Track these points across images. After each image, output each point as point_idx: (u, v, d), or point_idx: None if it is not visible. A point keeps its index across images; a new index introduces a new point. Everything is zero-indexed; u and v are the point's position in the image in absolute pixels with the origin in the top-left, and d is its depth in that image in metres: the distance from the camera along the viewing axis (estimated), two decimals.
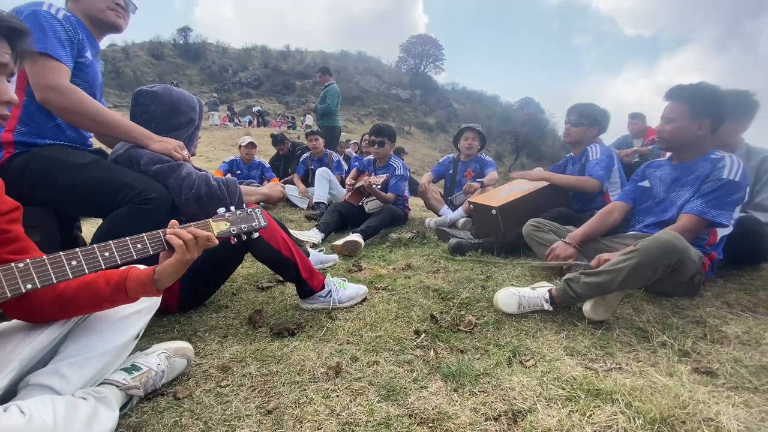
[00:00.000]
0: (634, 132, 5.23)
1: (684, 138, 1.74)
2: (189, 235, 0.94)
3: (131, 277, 0.92)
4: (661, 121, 1.79)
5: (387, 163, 3.52)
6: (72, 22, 1.41)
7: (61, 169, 1.34)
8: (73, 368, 0.87)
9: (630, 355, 1.27)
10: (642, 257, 1.35)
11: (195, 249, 0.95)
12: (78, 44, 1.42)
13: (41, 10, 1.33)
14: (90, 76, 1.49)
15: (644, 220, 1.91)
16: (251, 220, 1.11)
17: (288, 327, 1.44)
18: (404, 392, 1.09)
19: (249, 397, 1.07)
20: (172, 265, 0.93)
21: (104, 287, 0.90)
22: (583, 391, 1.06)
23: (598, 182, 2.36)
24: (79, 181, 1.34)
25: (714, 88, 1.69)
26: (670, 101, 1.76)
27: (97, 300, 0.90)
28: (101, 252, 0.83)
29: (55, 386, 0.84)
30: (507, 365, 1.22)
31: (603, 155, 2.43)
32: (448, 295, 1.76)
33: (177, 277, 0.96)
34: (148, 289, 0.93)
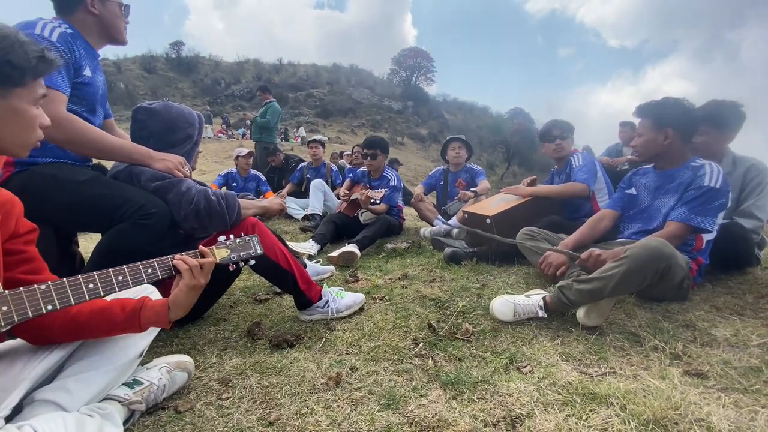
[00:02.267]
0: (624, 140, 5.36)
1: (654, 149, 1.87)
2: (195, 261, 1.00)
3: (146, 306, 0.96)
4: (635, 135, 1.93)
5: (381, 174, 3.56)
6: (67, 40, 1.38)
7: (62, 186, 1.35)
8: (78, 384, 0.88)
9: (623, 359, 1.30)
10: (632, 263, 1.39)
11: (202, 275, 1.01)
12: (74, 64, 1.40)
13: (35, 33, 1.31)
14: (89, 94, 1.49)
15: (632, 227, 1.97)
16: (249, 248, 1.18)
17: (287, 338, 1.45)
18: (404, 401, 1.10)
19: (250, 409, 1.08)
20: (182, 291, 0.98)
21: (119, 314, 0.93)
22: (579, 396, 1.08)
23: (584, 185, 2.45)
24: (80, 197, 1.35)
25: (676, 100, 1.82)
26: (639, 117, 1.90)
27: (110, 327, 0.94)
28: (116, 276, 0.88)
29: (62, 402, 0.84)
30: (504, 372, 1.24)
31: (585, 161, 2.56)
32: (445, 304, 1.78)
33: (189, 306, 1.00)
34: (161, 318, 0.97)
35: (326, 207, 4.32)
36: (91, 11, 1.50)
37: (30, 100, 0.84)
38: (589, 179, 2.47)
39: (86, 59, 1.48)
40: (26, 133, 0.86)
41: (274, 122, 5.90)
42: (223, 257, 1.11)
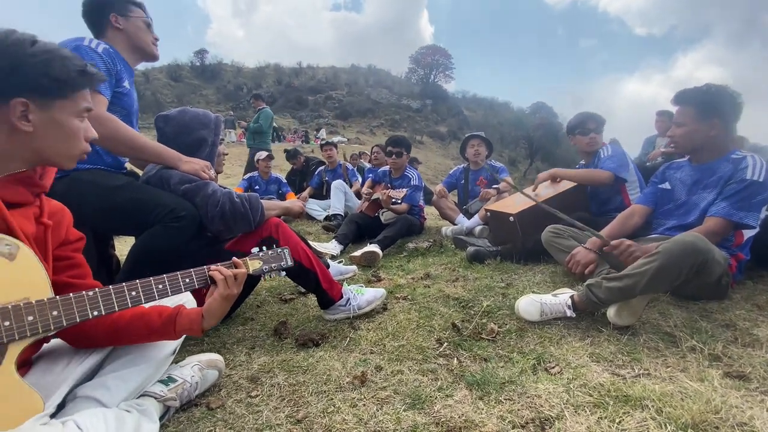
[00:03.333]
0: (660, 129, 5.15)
1: (696, 140, 1.74)
2: (229, 272, 1.06)
3: (182, 314, 1.01)
4: (673, 125, 1.80)
5: (402, 174, 3.56)
6: (111, 55, 1.52)
7: (99, 191, 1.42)
8: (117, 381, 0.93)
9: (658, 360, 1.25)
10: (664, 259, 1.34)
11: (235, 285, 1.07)
12: (116, 75, 1.53)
13: (83, 45, 1.44)
14: (127, 104, 1.59)
15: (666, 222, 1.89)
16: (280, 260, 1.24)
17: (312, 338, 1.47)
18: (430, 401, 1.10)
19: (279, 406, 1.10)
20: (215, 300, 1.03)
21: (156, 320, 0.98)
22: (611, 398, 1.05)
23: (609, 173, 2.32)
24: (115, 202, 1.42)
25: (720, 88, 1.69)
26: (679, 105, 1.77)
27: (148, 332, 0.98)
28: (156, 284, 0.93)
29: (101, 398, 0.89)
30: (532, 373, 1.22)
31: (614, 152, 2.43)
32: (469, 303, 1.76)
33: (221, 315, 1.05)
34: (195, 326, 1.02)
35: (347, 207, 4.35)
36: (116, 27, 1.61)
37: (72, 112, 0.86)
38: (618, 169, 2.35)
39: (125, 72, 1.60)
40: (69, 144, 0.88)
41: (266, 127, 5.99)
42: (256, 268, 1.17)
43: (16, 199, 0.82)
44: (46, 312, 0.76)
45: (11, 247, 0.75)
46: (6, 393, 0.71)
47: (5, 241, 0.74)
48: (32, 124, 0.80)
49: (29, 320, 0.74)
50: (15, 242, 0.76)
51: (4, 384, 0.71)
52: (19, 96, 0.78)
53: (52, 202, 0.95)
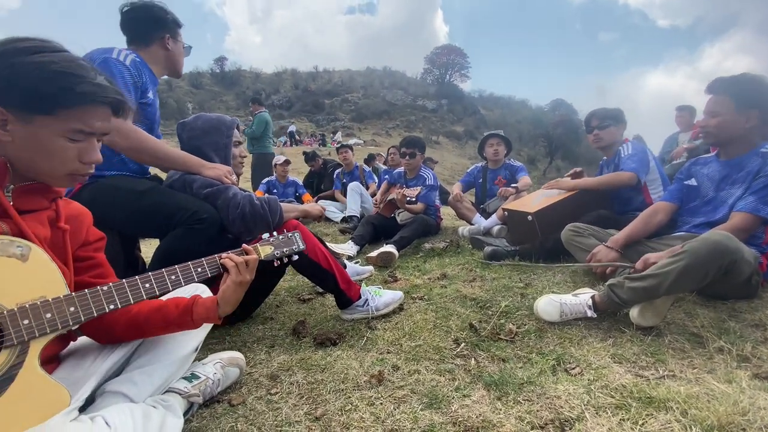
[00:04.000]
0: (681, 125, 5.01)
1: (732, 132, 1.67)
2: (240, 259, 1.06)
3: (198, 302, 1.03)
4: (705, 115, 1.72)
5: (417, 174, 3.56)
6: (138, 66, 1.59)
7: (125, 196, 1.49)
8: (143, 377, 0.96)
9: (684, 361, 1.21)
10: (691, 259, 1.29)
11: (247, 271, 1.06)
12: (142, 86, 1.60)
13: (111, 57, 1.51)
14: (151, 114, 1.67)
15: (693, 220, 1.82)
16: (291, 244, 1.23)
17: (330, 337, 1.49)
18: (447, 400, 1.10)
19: (297, 404, 1.12)
20: (229, 287, 1.03)
21: (173, 311, 1.00)
22: (634, 399, 1.02)
23: (631, 174, 2.26)
24: (140, 205, 1.48)
25: (759, 77, 1.62)
26: (713, 95, 1.69)
27: (166, 324, 1.00)
28: (169, 275, 0.96)
29: (129, 393, 0.92)
30: (551, 373, 1.20)
31: (635, 149, 2.36)
32: (486, 303, 1.75)
33: (236, 302, 1.05)
34: (211, 314, 1.03)
35: (363, 209, 4.38)
36: (166, 46, 1.74)
37: (57, 130, 0.78)
38: (639, 168, 2.28)
39: (150, 85, 1.67)
40: (49, 163, 0.81)
41: (260, 131, 5.97)
42: (267, 254, 1.17)
43: (31, 207, 0.84)
44: (63, 308, 0.79)
45: (23, 248, 0.77)
46: (32, 388, 0.74)
47: (16, 243, 0.76)
48: (10, 134, 0.76)
49: (47, 317, 0.76)
50: (26, 244, 0.77)
51: (30, 380, 0.74)
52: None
53: (72, 205, 0.97)
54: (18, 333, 0.73)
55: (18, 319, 0.73)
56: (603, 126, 2.47)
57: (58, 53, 0.79)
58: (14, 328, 0.73)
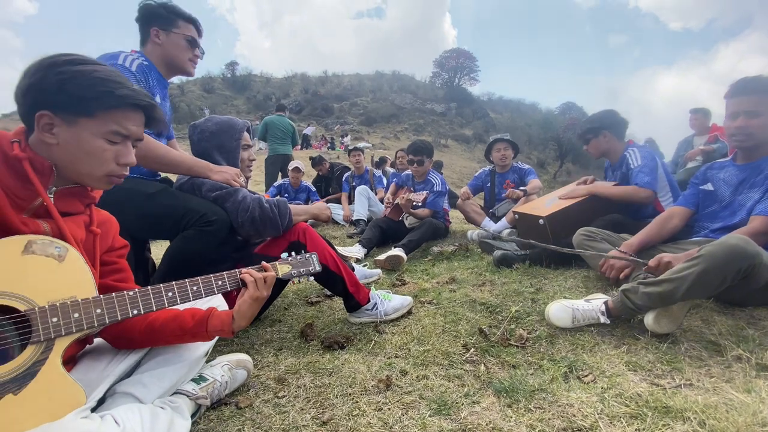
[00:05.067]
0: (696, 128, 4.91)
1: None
2: (260, 275, 1.09)
3: (214, 315, 1.05)
4: (742, 116, 1.63)
5: (426, 178, 3.54)
6: (144, 71, 1.58)
7: (135, 198, 1.50)
8: (153, 379, 0.97)
9: (701, 370, 1.17)
10: (707, 264, 1.25)
11: (265, 287, 1.09)
12: (149, 92, 1.59)
13: (117, 63, 1.52)
14: None
15: (710, 225, 1.78)
16: (308, 265, 1.27)
17: (338, 340, 1.48)
18: (456, 407, 1.08)
19: (305, 408, 1.11)
20: (245, 301, 1.06)
21: (189, 321, 1.02)
22: (649, 409, 0.99)
23: (648, 192, 2.17)
24: (151, 208, 1.49)
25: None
26: (746, 96, 1.62)
27: (182, 333, 1.02)
28: (191, 286, 0.98)
29: (138, 395, 0.93)
30: (563, 381, 1.17)
31: (644, 159, 2.25)
32: (497, 308, 1.72)
33: (251, 317, 1.08)
34: (226, 327, 1.04)
35: (371, 212, 4.38)
36: (155, 41, 1.68)
37: (97, 132, 0.85)
38: (653, 182, 2.20)
39: (158, 88, 1.67)
40: (89, 163, 0.86)
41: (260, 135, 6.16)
42: (285, 272, 1.20)
43: (69, 209, 0.89)
44: (90, 310, 0.81)
45: (60, 249, 0.81)
46: (52, 385, 0.76)
47: (55, 243, 0.80)
48: (56, 137, 0.83)
49: (75, 317, 0.79)
50: (64, 245, 0.82)
51: (50, 377, 0.76)
52: (44, 110, 0.81)
53: (101, 213, 1.03)
54: (46, 330, 0.76)
55: (48, 317, 0.76)
56: (586, 140, 2.45)
57: (99, 65, 0.87)
58: (43, 324, 0.76)
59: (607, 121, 2.40)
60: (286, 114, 6.43)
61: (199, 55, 1.79)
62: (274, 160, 6.02)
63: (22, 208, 0.82)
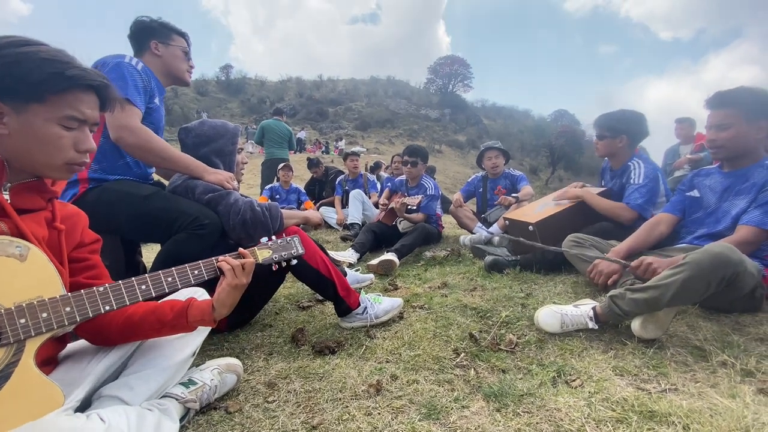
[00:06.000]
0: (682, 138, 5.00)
1: (744, 144, 1.66)
2: (237, 262, 1.06)
3: (193, 305, 1.02)
4: (714, 129, 1.68)
5: (419, 183, 3.57)
6: (148, 73, 1.64)
7: (128, 200, 1.50)
8: (140, 381, 0.95)
9: (686, 375, 1.19)
10: (692, 271, 1.28)
11: (243, 274, 1.06)
12: (150, 92, 1.63)
13: (124, 62, 1.55)
14: (155, 119, 1.69)
15: (695, 231, 1.82)
16: (290, 248, 1.23)
17: (329, 345, 1.48)
18: (445, 411, 1.08)
19: (294, 412, 1.11)
20: (224, 289, 1.03)
21: (168, 313, 0.99)
22: (635, 413, 1.01)
23: (634, 214, 2.14)
24: (143, 210, 1.49)
25: (758, 89, 1.63)
26: (717, 109, 1.68)
27: (161, 325, 0.99)
28: (165, 277, 0.95)
29: (125, 397, 0.92)
30: (551, 385, 1.19)
31: (646, 179, 2.18)
32: (487, 313, 1.73)
33: (232, 305, 1.05)
34: (206, 316, 1.02)
35: (365, 216, 4.38)
36: (155, 53, 1.73)
37: (50, 117, 0.79)
38: (645, 206, 2.14)
39: (157, 92, 1.70)
40: (45, 151, 0.80)
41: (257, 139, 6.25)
42: (265, 257, 1.16)
43: (28, 206, 0.84)
44: (59, 308, 0.79)
45: (21, 248, 0.77)
46: (26, 387, 0.74)
47: (15, 243, 0.77)
48: (6, 127, 0.77)
49: (43, 317, 0.77)
50: (25, 244, 0.78)
51: (24, 379, 0.74)
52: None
53: (67, 207, 0.97)
54: (14, 332, 0.74)
55: (15, 318, 0.74)
56: (600, 136, 2.40)
57: (43, 45, 0.80)
58: (11, 326, 0.74)
59: (632, 126, 2.31)
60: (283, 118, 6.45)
61: (193, 65, 1.87)
62: (271, 164, 6.02)
63: None
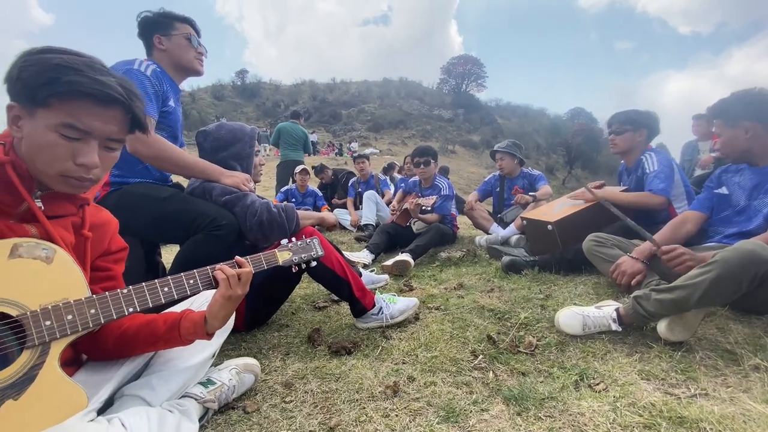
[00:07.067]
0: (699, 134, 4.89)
1: (736, 147, 1.70)
2: (232, 271, 0.98)
3: (186, 317, 0.97)
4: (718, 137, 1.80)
5: (432, 183, 3.54)
6: (158, 76, 1.61)
7: (148, 202, 1.52)
8: (161, 381, 0.96)
9: (717, 379, 1.14)
10: (722, 270, 1.23)
11: (239, 285, 0.98)
12: (163, 95, 1.63)
13: (132, 68, 1.54)
14: (172, 121, 1.70)
15: (724, 230, 1.74)
16: (310, 250, 1.23)
17: (345, 346, 1.48)
18: (464, 414, 1.06)
19: (312, 413, 1.10)
20: (217, 301, 0.96)
21: (161, 326, 0.95)
22: (663, 419, 0.97)
23: (662, 198, 2.15)
24: (162, 212, 1.51)
25: (745, 92, 1.66)
26: (713, 119, 1.78)
27: (154, 340, 0.95)
28: (187, 279, 0.95)
29: (146, 397, 0.93)
30: (574, 389, 1.15)
31: (661, 165, 2.22)
32: (505, 315, 1.70)
33: (225, 318, 0.98)
34: (199, 330, 0.96)
35: (379, 217, 4.38)
36: (159, 47, 1.71)
37: (48, 124, 0.76)
38: (668, 189, 2.16)
39: (171, 93, 1.70)
40: (42, 159, 0.77)
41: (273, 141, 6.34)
42: (285, 259, 1.16)
43: (59, 212, 0.85)
44: (84, 310, 0.80)
45: (48, 251, 0.78)
46: (51, 389, 0.75)
47: (42, 245, 0.78)
48: (21, 130, 0.78)
49: (69, 319, 0.77)
50: (51, 246, 0.79)
51: (49, 381, 0.75)
52: (12, 101, 0.77)
53: (100, 213, 0.97)
54: (40, 334, 0.75)
55: (40, 320, 0.75)
56: (620, 131, 2.37)
57: (68, 54, 0.77)
58: (36, 328, 0.74)
59: (651, 122, 2.36)
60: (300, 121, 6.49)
61: (202, 51, 1.80)
62: (285, 166, 6.09)
63: (8, 214, 0.79)
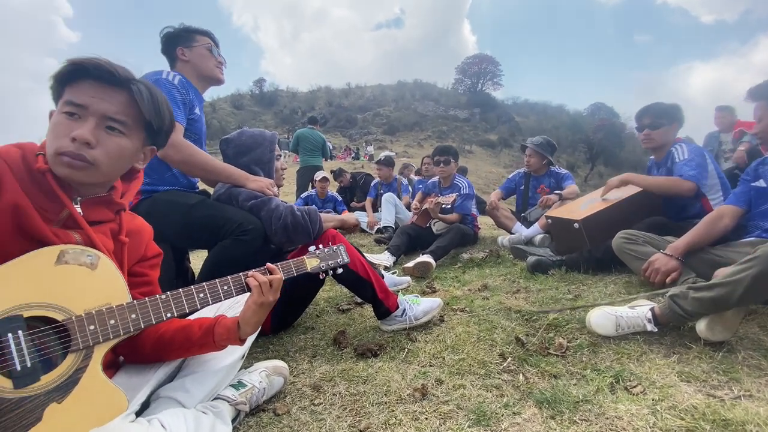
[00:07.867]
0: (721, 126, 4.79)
1: None
2: (264, 278, 1.01)
3: (219, 323, 0.99)
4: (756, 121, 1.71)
5: (452, 183, 3.51)
6: (184, 85, 1.67)
7: (177, 209, 1.57)
8: (194, 383, 0.99)
9: (761, 380, 1.09)
10: (764, 266, 1.16)
11: (270, 292, 1.01)
12: (189, 104, 1.69)
13: (161, 78, 1.61)
14: (198, 129, 1.76)
15: (764, 224, 1.66)
16: (337, 257, 1.26)
17: (371, 348, 1.47)
18: (496, 418, 1.04)
19: (341, 416, 1.11)
20: (250, 307, 0.99)
21: (197, 332, 0.97)
22: (707, 422, 0.93)
23: (691, 184, 2.03)
24: (191, 218, 1.56)
25: None
26: (754, 102, 1.69)
27: (189, 345, 0.97)
28: (221, 285, 0.98)
29: (181, 399, 0.95)
30: (610, 392, 1.11)
31: (692, 153, 2.13)
32: (533, 316, 1.66)
33: (257, 323, 1.01)
34: (232, 336, 0.98)
35: (398, 219, 4.37)
36: (183, 59, 1.78)
37: (60, 109, 0.82)
38: (699, 176, 2.05)
39: (196, 101, 1.76)
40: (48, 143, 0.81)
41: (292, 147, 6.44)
42: (313, 266, 1.19)
43: (98, 218, 0.89)
44: (125, 315, 0.83)
45: (92, 257, 0.82)
46: (93, 392, 0.77)
47: (87, 252, 0.81)
48: None
49: (111, 323, 0.80)
50: (96, 253, 0.83)
51: (92, 384, 0.77)
52: None
53: (135, 220, 1.01)
54: (84, 338, 0.77)
55: (85, 325, 0.78)
56: (655, 125, 2.26)
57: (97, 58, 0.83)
58: (81, 333, 0.77)
59: (680, 114, 2.30)
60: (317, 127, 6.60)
61: (222, 61, 1.88)
62: (305, 172, 6.18)
63: (51, 220, 0.82)
